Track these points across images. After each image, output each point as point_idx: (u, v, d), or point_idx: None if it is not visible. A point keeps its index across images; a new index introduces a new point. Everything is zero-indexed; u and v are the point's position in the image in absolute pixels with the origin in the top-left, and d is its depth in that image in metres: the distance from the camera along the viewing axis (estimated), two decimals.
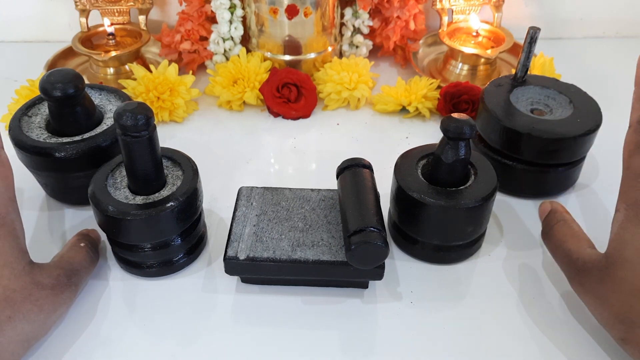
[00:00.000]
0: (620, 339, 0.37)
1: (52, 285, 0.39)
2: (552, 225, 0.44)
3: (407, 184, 0.44)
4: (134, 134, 0.39)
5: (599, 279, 0.37)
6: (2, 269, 0.37)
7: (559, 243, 0.42)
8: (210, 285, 0.45)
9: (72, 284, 0.41)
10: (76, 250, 0.43)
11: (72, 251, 0.43)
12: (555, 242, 0.43)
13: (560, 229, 0.43)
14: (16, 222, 0.39)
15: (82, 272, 0.42)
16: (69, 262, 0.42)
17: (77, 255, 0.43)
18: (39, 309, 0.38)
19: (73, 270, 0.41)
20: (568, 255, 0.41)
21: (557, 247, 0.42)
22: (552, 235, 0.43)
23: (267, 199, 0.47)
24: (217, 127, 0.63)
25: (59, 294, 0.39)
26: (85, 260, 0.43)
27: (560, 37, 0.81)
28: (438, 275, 0.46)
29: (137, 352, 0.40)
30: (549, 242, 0.44)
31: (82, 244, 0.44)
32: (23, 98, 0.60)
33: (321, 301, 0.44)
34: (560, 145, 0.49)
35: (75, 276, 0.41)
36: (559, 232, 0.43)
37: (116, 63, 0.67)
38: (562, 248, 0.42)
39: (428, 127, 0.63)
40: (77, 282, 0.41)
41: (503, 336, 0.42)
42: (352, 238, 0.39)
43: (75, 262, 0.42)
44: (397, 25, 0.69)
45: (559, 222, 0.43)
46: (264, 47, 0.67)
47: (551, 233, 0.43)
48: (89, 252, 0.44)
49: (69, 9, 0.74)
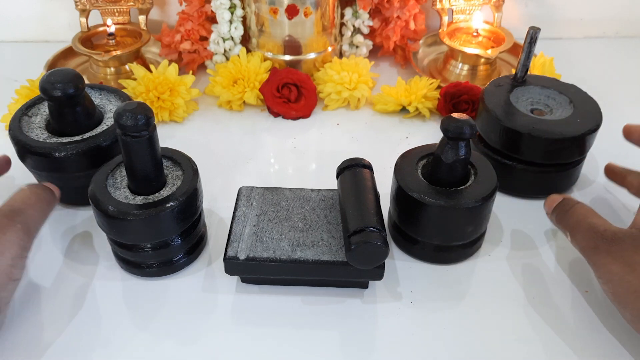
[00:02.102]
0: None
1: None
2: (571, 206, 0.44)
3: (407, 184, 0.44)
4: (134, 134, 0.39)
5: (634, 247, 0.39)
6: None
7: (582, 218, 0.43)
8: (210, 285, 0.45)
9: (16, 222, 0.39)
10: (17, 192, 0.42)
11: (12, 195, 0.42)
12: (577, 218, 0.43)
13: (581, 208, 0.44)
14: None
15: (28, 211, 0.41)
16: (8, 205, 0.41)
17: (19, 195, 0.42)
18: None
19: (14, 210, 0.40)
20: (593, 228, 0.41)
21: (580, 222, 0.43)
22: (573, 214, 0.44)
23: (267, 199, 0.47)
24: (217, 127, 0.63)
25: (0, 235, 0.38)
26: (29, 198, 0.42)
27: (560, 37, 0.81)
28: (438, 275, 0.46)
29: (137, 352, 0.40)
30: (570, 220, 0.44)
31: (25, 187, 0.43)
32: (23, 98, 0.60)
33: (321, 301, 0.44)
34: (560, 145, 0.49)
35: (19, 215, 0.40)
36: (581, 210, 0.43)
37: (116, 63, 0.67)
38: (585, 223, 0.42)
39: (428, 127, 0.63)
40: (23, 220, 0.40)
41: (503, 336, 0.42)
42: (352, 238, 0.39)
43: (17, 201, 0.41)
44: (397, 25, 0.69)
45: (577, 204, 0.44)
46: (264, 47, 0.67)
47: (571, 212, 0.44)
48: (35, 191, 0.43)
49: (69, 9, 0.74)
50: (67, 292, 0.44)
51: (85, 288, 0.45)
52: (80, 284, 0.45)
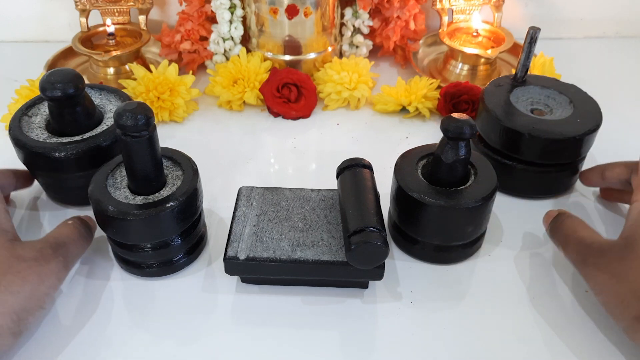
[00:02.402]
0: (634, 317, 0.37)
1: (34, 257, 0.39)
2: (562, 220, 0.45)
3: (407, 184, 0.44)
4: (134, 134, 0.39)
5: (619, 257, 0.39)
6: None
7: (571, 232, 0.43)
8: (210, 285, 0.45)
9: (59, 255, 0.41)
10: (63, 225, 0.44)
11: (59, 227, 0.44)
12: (567, 231, 0.44)
13: (572, 222, 0.44)
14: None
15: (70, 245, 0.42)
16: (54, 236, 0.42)
17: (64, 229, 0.43)
18: (22, 281, 0.38)
19: (59, 243, 0.41)
20: (582, 241, 0.42)
21: (569, 235, 0.43)
22: (563, 227, 0.44)
23: (267, 199, 0.47)
24: (217, 127, 0.63)
25: (43, 264, 0.39)
26: (72, 234, 0.43)
27: (560, 37, 0.81)
28: (438, 275, 0.46)
29: (137, 352, 0.40)
30: (560, 233, 0.44)
31: (70, 222, 0.44)
32: (23, 98, 0.60)
33: (321, 301, 0.44)
34: (560, 145, 0.49)
35: (62, 248, 0.41)
36: (571, 223, 0.44)
37: (116, 63, 0.67)
38: (574, 236, 0.43)
39: (428, 127, 0.63)
40: (64, 254, 0.41)
41: (503, 336, 0.42)
42: (352, 238, 0.39)
43: (62, 235, 0.42)
44: (397, 25, 0.69)
45: (569, 217, 0.45)
46: (264, 47, 0.67)
47: (562, 226, 0.44)
48: (78, 228, 0.44)
49: (69, 9, 0.74)
50: (67, 292, 0.44)
51: (85, 288, 0.45)
52: (80, 284, 0.45)
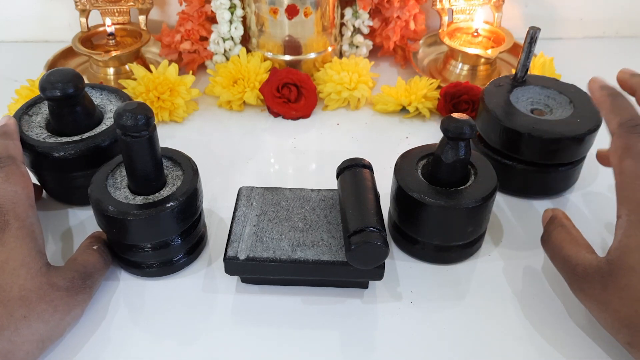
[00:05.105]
0: (627, 343, 0.37)
1: (66, 287, 0.39)
2: (550, 231, 0.43)
3: (407, 184, 0.44)
4: (134, 134, 0.39)
5: (602, 285, 0.37)
6: (19, 269, 0.38)
7: (557, 249, 0.42)
8: (210, 285, 0.45)
9: (87, 286, 0.41)
10: (90, 253, 0.44)
11: (85, 254, 0.43)
12: (554, 247, 0.42)
13: (559, 234, 0.42)
14: (35, 226, 0.40)
15: (96, 275, 0.43)
16: (83, 265, 0.42)
17: (91, 258, 0.43)
18: (53, 310, 0.38)
19: (87, 273, 0.42)
20: (567, 261, 0.40)
21: (556, 253, 0.42)
22: (551, 241, 0.43)
23: (267, 199, 0.47)
24: (217, 127, 0.63)
25: (73, 295, 0.40)
26: (99, 263, 0.43)
27: (560, 37, 0.81)
28: (438, 275, 0.46)
29: (137, 352, 0.40)
30: (548, 248, 0.43)
31: (95, 247, 0.44)
32: (23, 98, 0.60)
33: (321, 301, 0.44)
34: (560, 145, 0.49)
35: (90, 279, 0.42)
36: (557, 238, 0.42)
37: (116, 63, 0.67)
38: (560, 254, 0.41)
39: (428, 127, 0.63)
40: (91, 284, 0.42)
41: (503, 336, 0.42)
42: (352, 238, 0.39)
43: (89, 265, 0.42)
44: (397, 25, 0.69)
45: (557, 228, 0.43)
46: (264, 47, 0.67)
47: (550, 239, 0.43)
48: (102, 254, 0.44)
49: (69, 9, 0.74)
50: None
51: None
52: None
